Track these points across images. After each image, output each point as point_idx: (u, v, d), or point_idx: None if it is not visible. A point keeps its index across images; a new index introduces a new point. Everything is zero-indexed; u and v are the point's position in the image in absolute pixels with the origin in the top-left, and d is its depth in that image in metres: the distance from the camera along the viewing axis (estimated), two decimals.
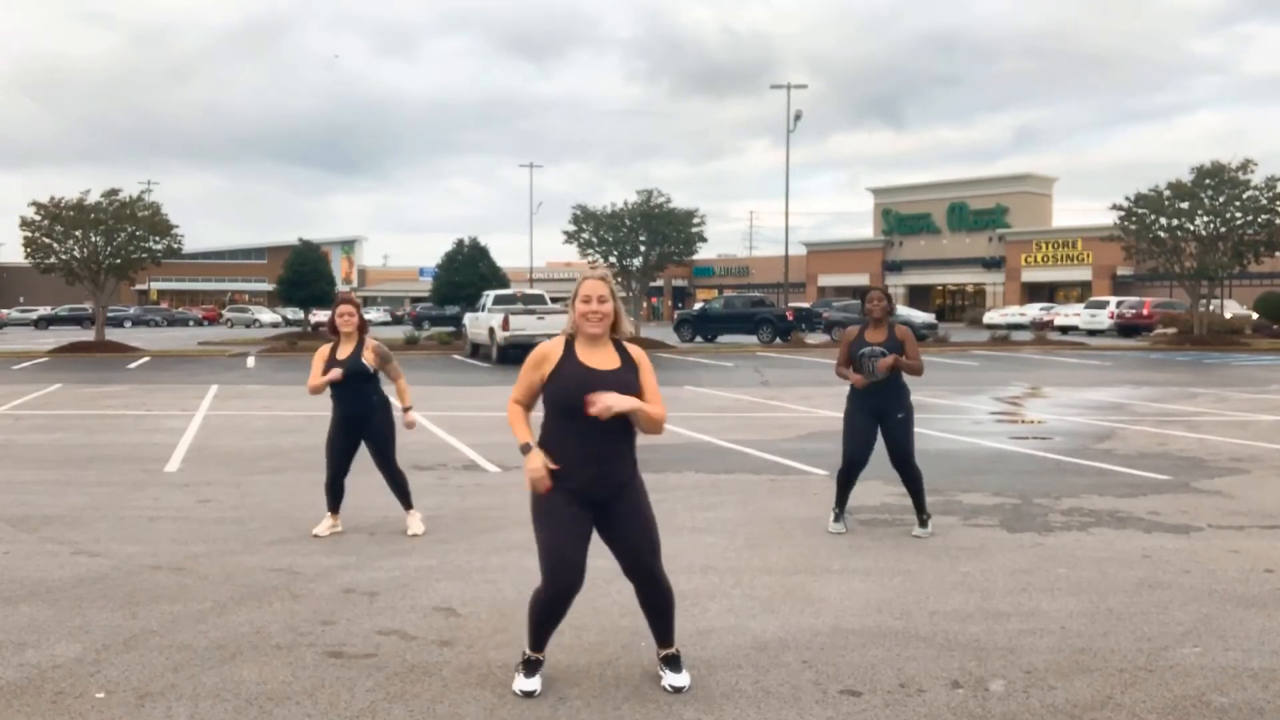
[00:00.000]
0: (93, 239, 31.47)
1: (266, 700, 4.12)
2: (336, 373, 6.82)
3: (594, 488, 4.07)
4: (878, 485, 8.68)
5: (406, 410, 7.16)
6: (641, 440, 4.24)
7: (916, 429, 7.14)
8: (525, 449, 4.04)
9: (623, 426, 4.06)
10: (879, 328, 7.01)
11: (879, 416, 7.02)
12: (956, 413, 14.82)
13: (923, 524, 7.08)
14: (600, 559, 6.45)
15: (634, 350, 4.17)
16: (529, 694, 4.17)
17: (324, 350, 7.01)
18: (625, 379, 4.04)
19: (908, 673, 4.44)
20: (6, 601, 5.45)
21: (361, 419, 6.99)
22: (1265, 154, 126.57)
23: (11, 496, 8.35)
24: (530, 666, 4.27)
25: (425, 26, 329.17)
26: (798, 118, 44.72)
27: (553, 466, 4.01)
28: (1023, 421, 14.10)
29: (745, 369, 24.35)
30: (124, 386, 19.54)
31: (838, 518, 7.23)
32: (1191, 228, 34.40)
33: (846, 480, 7.18)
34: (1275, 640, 4.87)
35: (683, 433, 12.14)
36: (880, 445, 7.07)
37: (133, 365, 26.20)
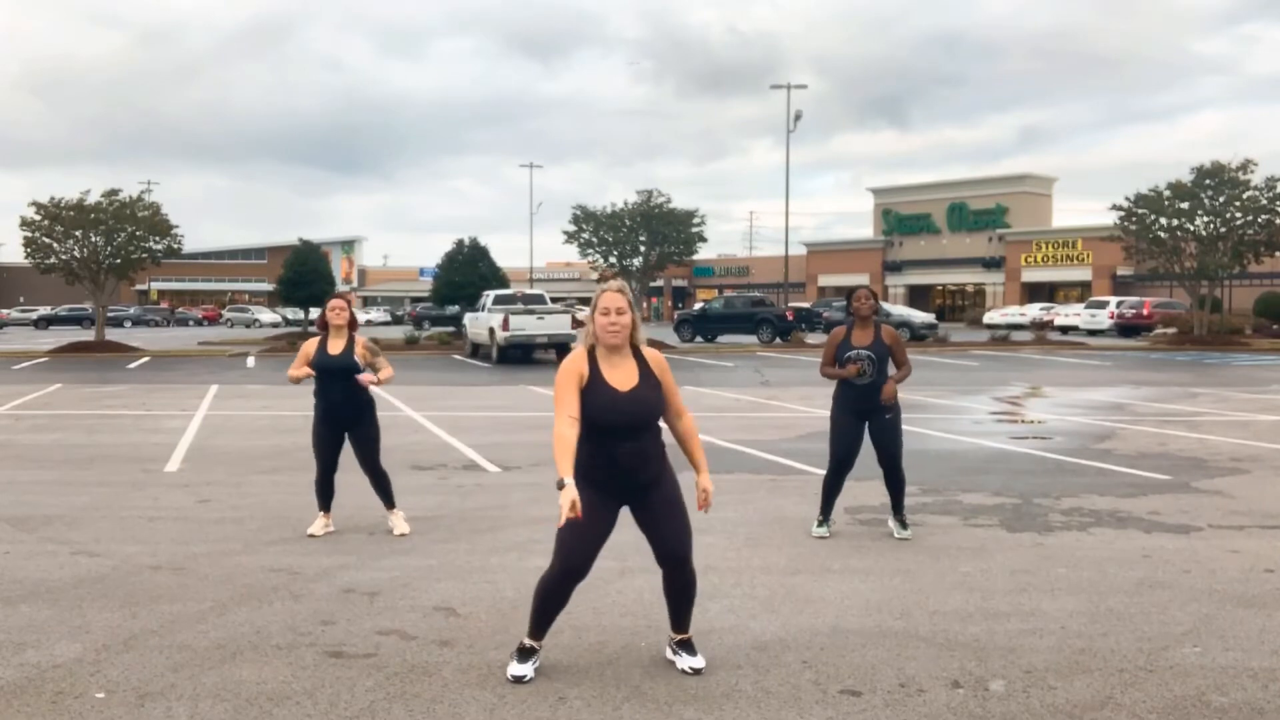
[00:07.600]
0: (93, 239, 31.47)
1: (266, 700, 4.13)
2: (306, 370, 6.90)
3: (625, 489, 4.30)
4: (878, 485, 8.66)
5: (376, 377, 6.86)
6: None
7: (916, 429, 7.14)
8: (560, 485, 4.03)
9: (652, 433, 4.29)
10: (865, 328, 6.87)
11: (865, 417, 6.92)
12: (956, 413, 14.81)
13: (903, 525, 7.00)
14: (600, 559, 6.45)
15: (652, 357, 4.35)
16: (519, 679, 4.29)
17: (311, 344, 7.00)
18: (645, 396, 4.23)
19: (908, 673, 4.44)
20: (6, 601, 5.45)
21: (351, 419, 6.96)
22: (1269, 154, 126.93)
23: (11, 496, 8.35)
24: (524, 654, 4.39)
25: (431, 27, 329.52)
26: (798, 118, 44.75)
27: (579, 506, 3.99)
28: (1023, 421, 14.08)
29: (745, 369, 24.36)
30: (124, 386, 19.54)
31: (823, 522, 7.06)
32: (1191, 228, 34.40)
33: (836, 483, 7.05)
34: (1275, 640, 4.87)
35: None
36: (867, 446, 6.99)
37: (133, 365, 26.20)
